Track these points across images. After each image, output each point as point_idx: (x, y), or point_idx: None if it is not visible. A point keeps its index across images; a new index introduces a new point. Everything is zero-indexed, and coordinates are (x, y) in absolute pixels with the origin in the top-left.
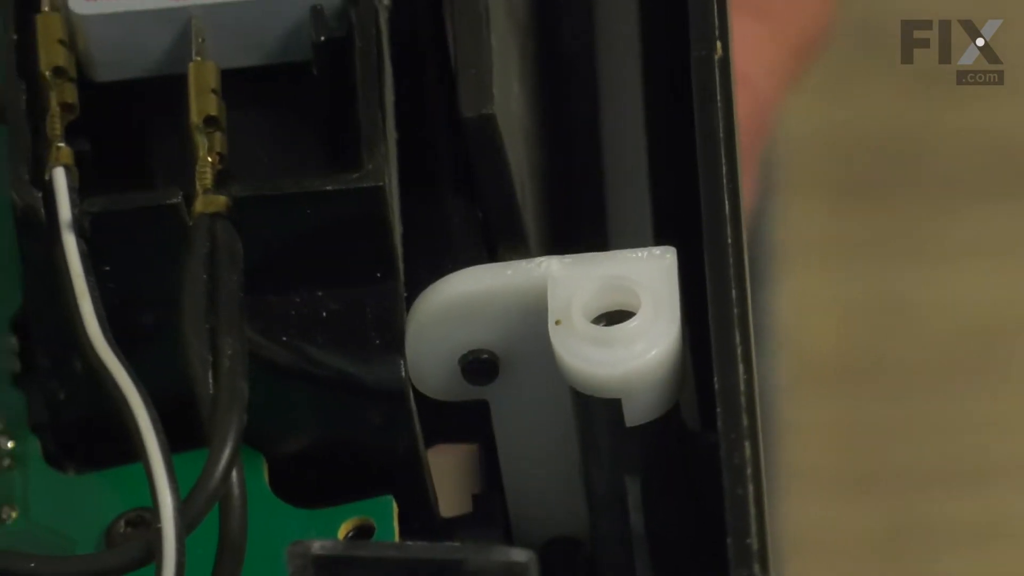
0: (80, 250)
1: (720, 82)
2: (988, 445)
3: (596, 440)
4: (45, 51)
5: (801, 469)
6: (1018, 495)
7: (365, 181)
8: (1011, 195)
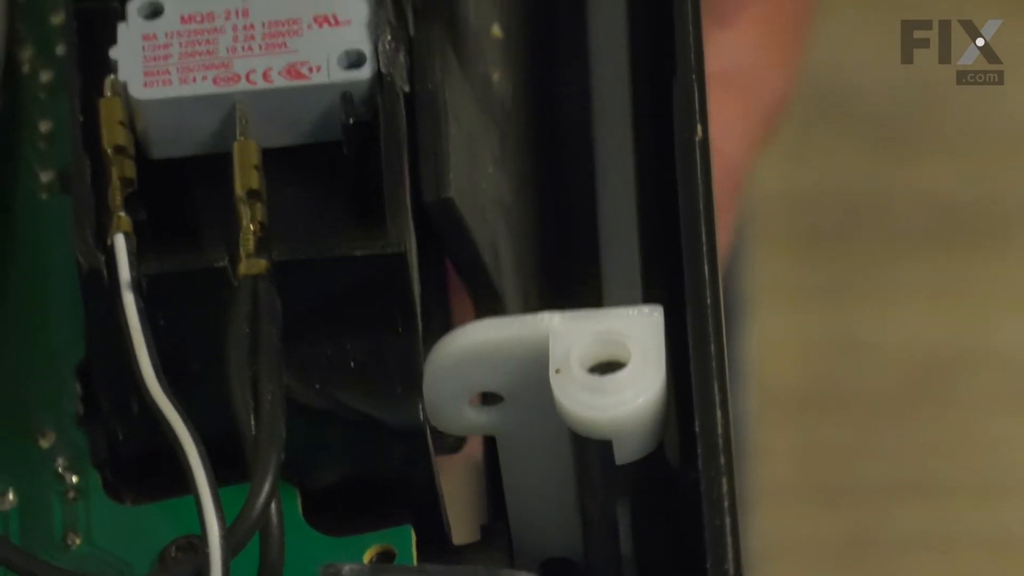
0: (138, 307)
1: (700, 161)
2: (936, 464)
3: (590, 475)
4: (107, 131)
5: (768, 487)
6: (965, 507)
7: (389, 248)
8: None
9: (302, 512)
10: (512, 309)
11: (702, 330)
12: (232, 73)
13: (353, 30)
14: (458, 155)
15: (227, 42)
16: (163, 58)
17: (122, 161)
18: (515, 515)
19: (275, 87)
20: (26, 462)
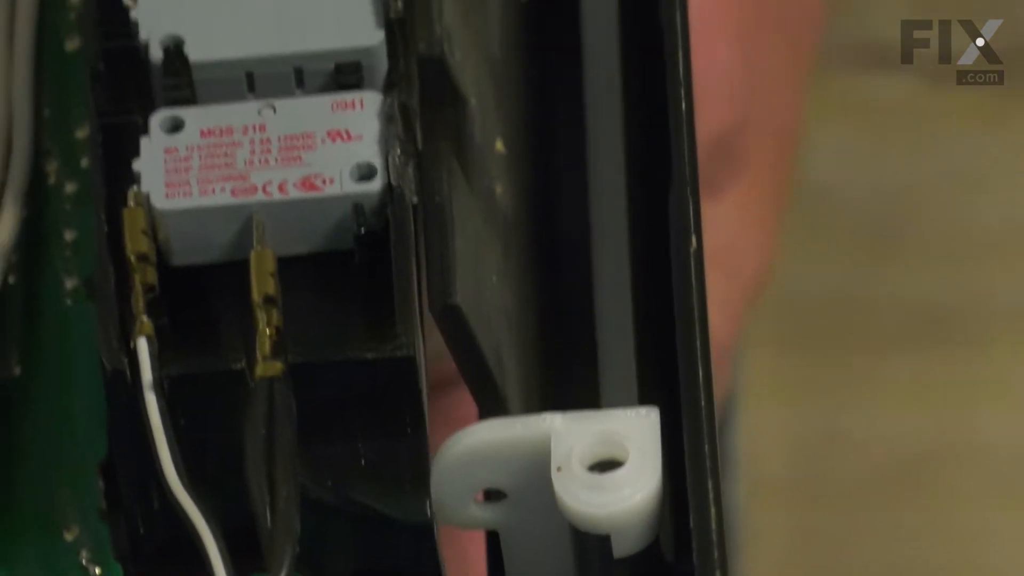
0: (160, 407)
1: (695, 270)
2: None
3: (590, 568)
4: (131, 240)
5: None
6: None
7: (400, 351)
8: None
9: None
10: (515, 410)
11: (697, 431)
12: (249, 185)
13: (365, 145)
14: (464, 264)
15: (245, 155)
16: (184, 170)
17: (145, 268)
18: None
19: (290, 198)
20: (52, 554)
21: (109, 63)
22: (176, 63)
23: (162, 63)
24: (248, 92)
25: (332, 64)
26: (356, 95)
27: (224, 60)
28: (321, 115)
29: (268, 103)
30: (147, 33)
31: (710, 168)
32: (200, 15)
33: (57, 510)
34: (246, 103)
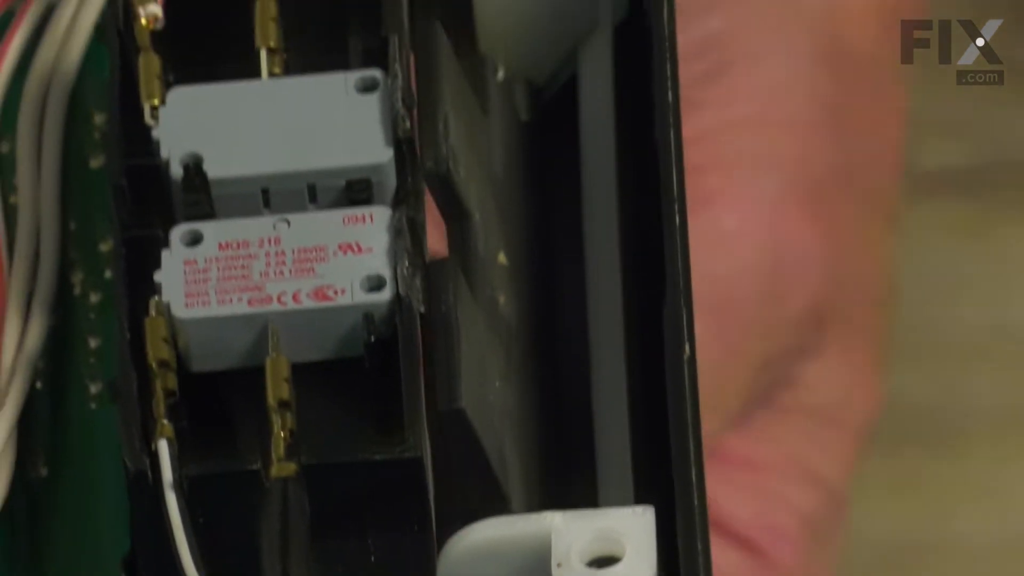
0: (179, 505)
1: (688, 377)
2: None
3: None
4: (152, 347)
5: None
6: None
7: (407, 453)
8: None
9: None
10: (517, 508)
11: (690, 530)
12: (265, 295)
13: (374, 257)
14: (468, 370)
15: (260, 267)
16: (203, 281)
17: (165, 374)
18: None
19: (304, 308)
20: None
21: (131, 179)
22: (195, 179)
23: (182, 179)
24: (264, 207)
25: (343, 180)
26: (366, 210)
27: (241, 177)
28: (333, 229)
29: (283, 217)
30: (168, 151)
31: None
32: (218, 134)
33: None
34: (262, 217)
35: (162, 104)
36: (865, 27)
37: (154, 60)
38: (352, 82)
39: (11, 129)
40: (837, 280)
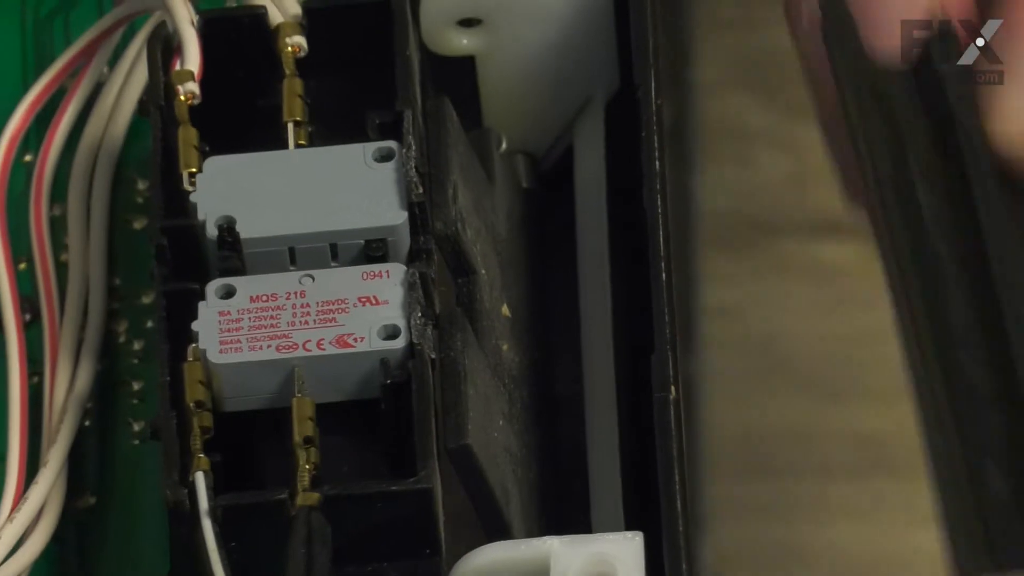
0: (214, 531)
1: (673, 416)
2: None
3: None
4: (189, 389)
5: None
6: None
7: (420, 484)
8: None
9: None
10: (518, 533)
11: (675, 554)
12: (291, 343)
13: (391, 308)
14: (475, 411)
15: (287, 317)
16: (235, 330)
17: (201, 413)
18: None
19: (327, 354)
20: None
21: (171, 239)
22: (228, 239)
23: (217, 239)
24: (290, 263)
25: (362, 240)
26: (383, 267)
27: (270, 236)
28: (353, 283)
29: (307, 273)
30: (204, 213)
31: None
32: (249, 198)
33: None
34: (288, 273)
35: (199, 171)
36: None
37: (191, 132)
38: (370, 152)
39: (62, 195)
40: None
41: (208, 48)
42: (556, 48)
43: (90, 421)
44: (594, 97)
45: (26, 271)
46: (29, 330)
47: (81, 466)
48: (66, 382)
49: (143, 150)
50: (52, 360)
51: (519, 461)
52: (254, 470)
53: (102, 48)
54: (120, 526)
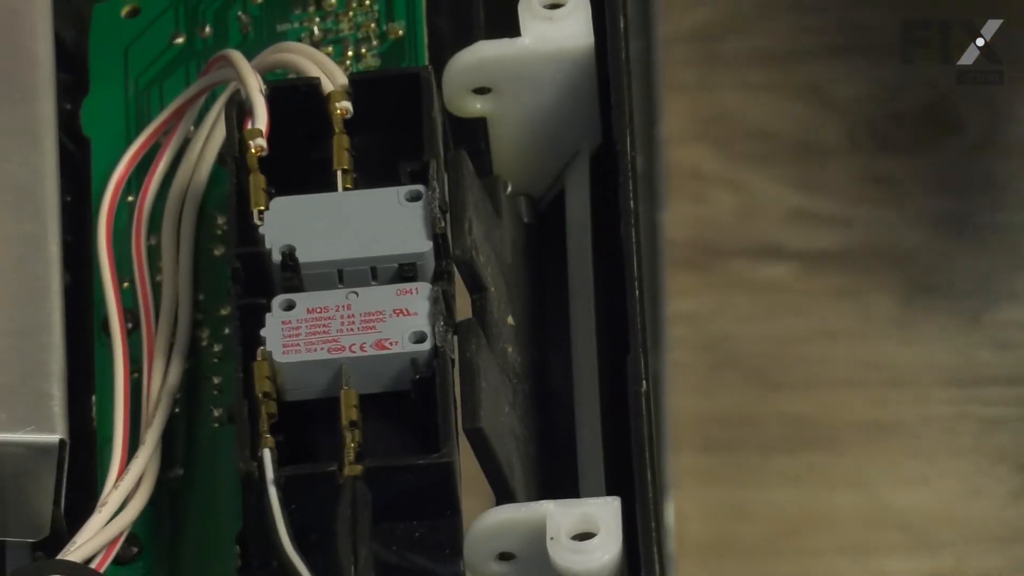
0: (278, 497)
1: (644, 406)
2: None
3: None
4: (258, 383)
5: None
6: None
7: (443, 459)
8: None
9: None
10: (521, 498)
11: (646, 514)
12: (340, 345)
13: (419, 319)
14: (486, 400)
15: (336, 326)
16: (295, 335)
17: (268, 402)
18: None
19: (368, 355)
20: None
21: (244, 263)
22: (290, 263)
23: (280, 263)
24: (339, 283)
25: (396, 264)
26: (413, 285)
27: (323, 261)
28: (389, 298)
29: (353, 290)
30: (270, 243)
31: None
32: (306, 231)
33: (208, 568)
34: (337, 290)
35: (266, 209)
36: None
37: (260, 178)
38: (403, 194)
39: (157, 228)
40: None
41: (273, 111)
42: (551, 111)
43: (179, 408)
44: (581, 150)
45: (129, 289)
46: (131, 336)
47: (172, 444)
48: (160, 378)
49: (222, 192)
50: (149, 360)
51: (521, 440)
52: (310, 448)
53: (189, 111)
54: (203, 493)
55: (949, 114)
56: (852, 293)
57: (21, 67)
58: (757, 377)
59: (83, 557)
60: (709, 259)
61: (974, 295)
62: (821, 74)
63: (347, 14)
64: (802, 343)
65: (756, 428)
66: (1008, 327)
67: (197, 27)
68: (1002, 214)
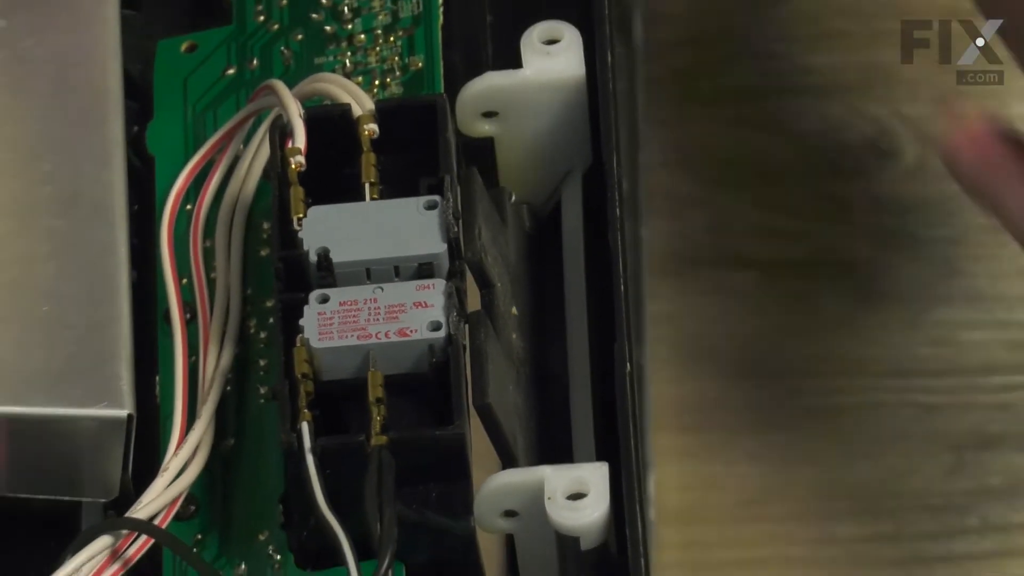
0: (315, 465)
1: (629, 385)
2: None
3: (567, 556)
4: (297, 365)
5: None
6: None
7: (456, 431)
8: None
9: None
10: (523, 464)
11: (629, 478)
12: (368, 333)
13: (435, 310)
14: (494, 380)
15: (365, 316)
16: (329, 325)
17: (306, 382)
18: None
19: (392, 341)
20: (252, 548)
21: (285, 264)
22: (324, 263)
23: (316, 263)
24: (367, 279)
25: (416, 264)
26: (430, 282)
27: (353, 261)
28: (409, 293)
29: (378, 286)
30: (308, 246)
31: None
32: (338, 235)
33: (255, 524)
34: (365, 286)
35: (304, 217)
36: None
37: (299, 190)
38: (421, 204)
39: (211, 232)
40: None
41: (310, 132)
42: (549, 133)
43: (230, 387)
44: (575, 167)
45: (187, 285)
46: (189, 326)
47: (224, 418)
48: (214, 361)
49: (266, 203)
50: (204, 346)
51: (523, 415)
52: (342, 422)
53: (239, 133)
54: (251, 460)
55: (888, 144)
56: (806, 297)
57: (96, 97)
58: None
59: (148, 515)
60: (684, 268)
61: (913, 299)
62: (779, 110)
63: (374, 49)
64: (764, 340)
65: (725, 412)
66: (942, 327)
67: (246, 60)
68: (935, 229)
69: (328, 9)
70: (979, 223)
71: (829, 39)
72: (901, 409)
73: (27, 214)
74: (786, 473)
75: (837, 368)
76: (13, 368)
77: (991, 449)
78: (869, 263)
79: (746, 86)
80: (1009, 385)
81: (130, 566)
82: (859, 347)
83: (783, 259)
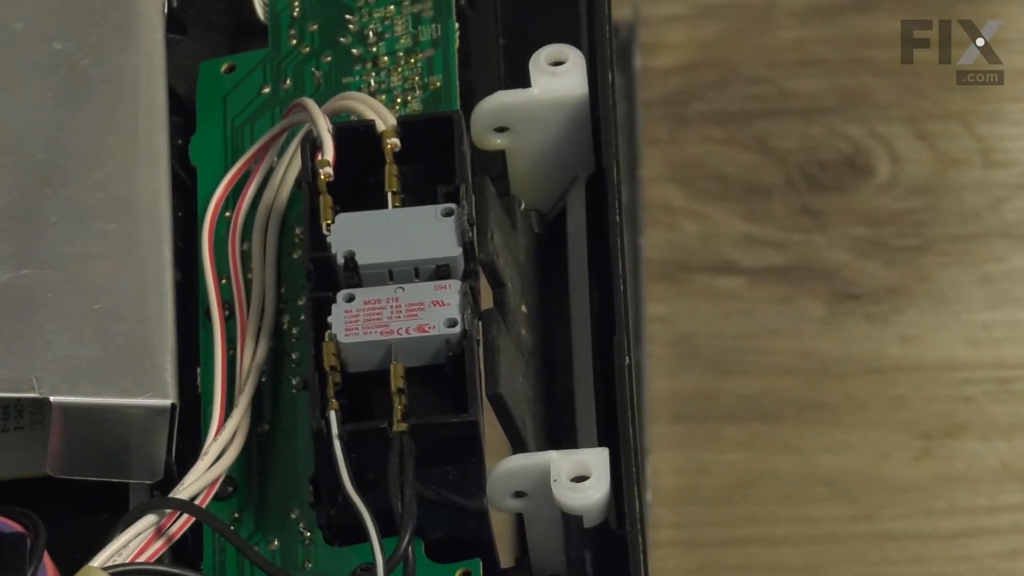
0: (342, 448)
1: (628, 376)
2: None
3: (571, 533)
4: (326, 358)
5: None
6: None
7: (470, 418)
8: (753, 420)
9: (424, 551)
10: (532, 448)
11: (628, 463)
12: (390, 329)
13: (451, 308)
14: (505, 371)
15: (387, 314)
16: (355, 320)
17: (334, 373)
18: (534, 553)
19: (412, 336)
20: (284, 525)
21: (315, 265)
22: (351, 265)
23: (343, 265)
24: (389, 280)
25: (434, 265)
26: (447, 282)
27: (377, 263)
28: (428, 292)
29: (400, 286)
30: (335, 249)
31: None
32: (363, 239)
33: (286, 503)
34: (388, 286)
35: (332, 223)
36: None
37: (328, 198)
38: (439, 211)
39: (248, 236)
40: None
41: (338, 146)
42: (555, 145)
43: (265, 378)
44: (579, 176)
45: (226, 285)
46: (228, 322)
47: (260, 405)
48: (251, 354)
49: (298, 210)
50: (242, 340)
51: (532, 403)
52: (366, 409)
53: (273, 145)
54: (284, 444)
55: (864, 161)
56: (789, 300)
57: (143, 113)
58: (716, 365)
59: (190, 495)
60: (678, 274)
61: (884, 302)
62: (764, 130)
63: (397, 69)
64: (751, 339)
65: (714, 405)
66: (911, 326)
67: (280, 80)
68: (904, 239)
69: (355, 33)
70: (945, 234)
71: (810, 66)
72: (873, 401)
73: (83, 217)
74: (770, 460)
75: (816, 365)
76: (70, 360)
77: (955, 438)
78: (846, 270)
79: (734, 109)
80: (971, 380)
81: (173, 542)
82: (836, 346)
83: (768, 266)
